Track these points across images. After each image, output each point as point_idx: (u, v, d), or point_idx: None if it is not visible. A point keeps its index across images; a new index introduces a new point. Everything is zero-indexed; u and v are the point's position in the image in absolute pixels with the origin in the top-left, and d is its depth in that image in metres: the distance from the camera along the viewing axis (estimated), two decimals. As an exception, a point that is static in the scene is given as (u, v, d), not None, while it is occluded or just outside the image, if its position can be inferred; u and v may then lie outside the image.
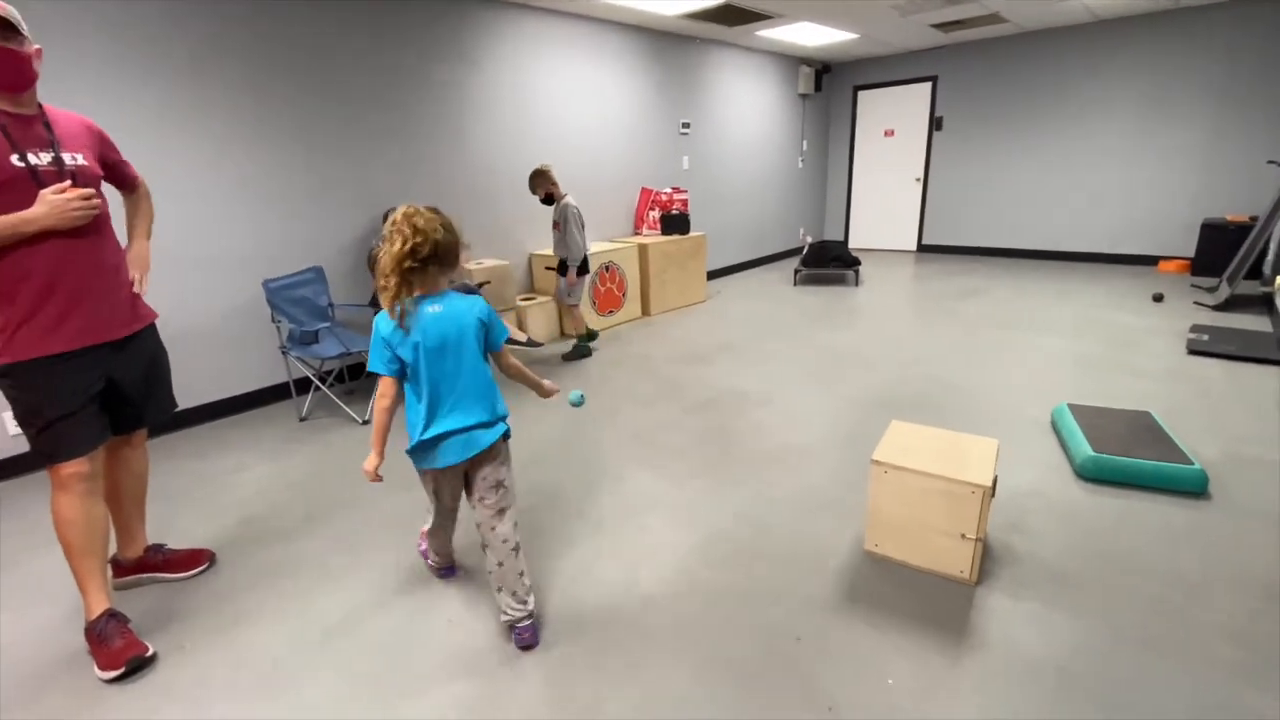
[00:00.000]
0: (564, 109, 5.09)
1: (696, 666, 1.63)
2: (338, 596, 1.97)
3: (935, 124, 7.59)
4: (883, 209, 8.35)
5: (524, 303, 4.62)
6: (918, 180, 7.91)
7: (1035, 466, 2.57)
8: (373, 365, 1.61)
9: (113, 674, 1.66)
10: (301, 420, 3.41)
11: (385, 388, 1.62)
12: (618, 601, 1.89)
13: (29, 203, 1.55)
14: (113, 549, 2.00)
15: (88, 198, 1.64)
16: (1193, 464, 2.30)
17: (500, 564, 1.69)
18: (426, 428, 1.60)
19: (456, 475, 1.72)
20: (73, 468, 1.67)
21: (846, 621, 1.76)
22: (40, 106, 1.64)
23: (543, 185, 4.00)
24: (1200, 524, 2.14)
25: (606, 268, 5.01)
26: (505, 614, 1.70)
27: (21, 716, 1.57)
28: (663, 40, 5.81)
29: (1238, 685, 1.50)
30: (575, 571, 2.04)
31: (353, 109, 3.81)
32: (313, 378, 3.44)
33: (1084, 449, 2.47)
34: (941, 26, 6.21)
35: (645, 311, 5.51)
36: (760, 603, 1.86)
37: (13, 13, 1.52)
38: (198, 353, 3.35)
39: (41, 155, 1.60)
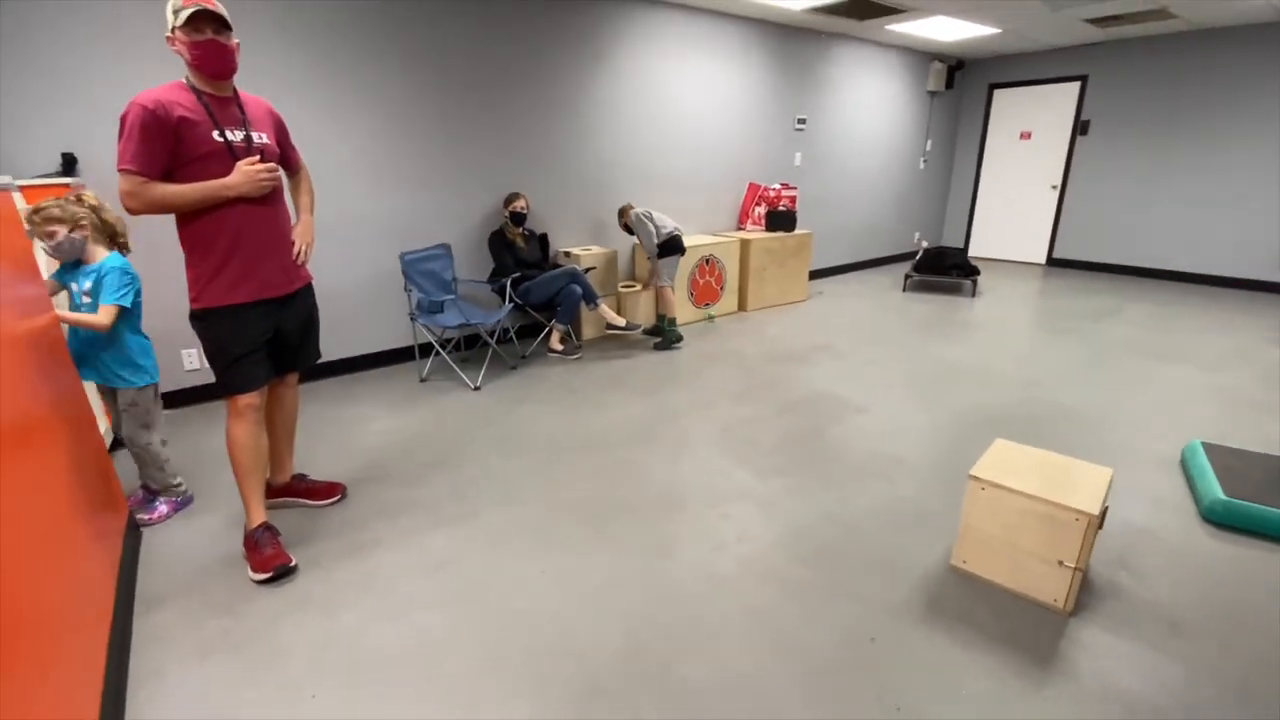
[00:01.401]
0: (680, 102, 5.17)
1: (767, 648, 1.69)
2: (446, 538, 2.20)
3: (1080, 128, 6.97)
4: (1011, 217, 7.80)
5: (625, 289, 4.78)
6: (1054, 188, 7.31)
7: (1155, 505, 2.39)
8: (127, 300, 2.17)
9: (262, 576, 1.96)
10: (422, 381, 3.76)
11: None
12: (695, 579, 1.98)
13: (225, 172, 1.84)
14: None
15: (272, 170, 1.92)
16: (1347, 522, 2.06)
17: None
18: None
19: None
20: (247, 399, 1.98)
21: (925, 631, 1.76)
22: (235, 90, 1.92)
23: (623, 219, 4.48)
24: (1350, 589, 1.93)
25: (707, 260, 5.06)
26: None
27: (189, 602, 1.90)
28: (785, 34, 5.73)
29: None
30: (655, 547, 2.15)
31: (487, 100, 4.09)
32: (435, 344, 3.77)
33: (1214, 491, 2.27)
34: (1097, 22, 5.69)
35: (742, 306, 5.51)
36: (837, 601, 1.89)
37: (223, 11, 1.79)
38: (339, 313, 3.77)
39: (236, 133, 1.88)
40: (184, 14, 1.72)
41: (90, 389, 2.30)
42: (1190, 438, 2.89)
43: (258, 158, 1.89)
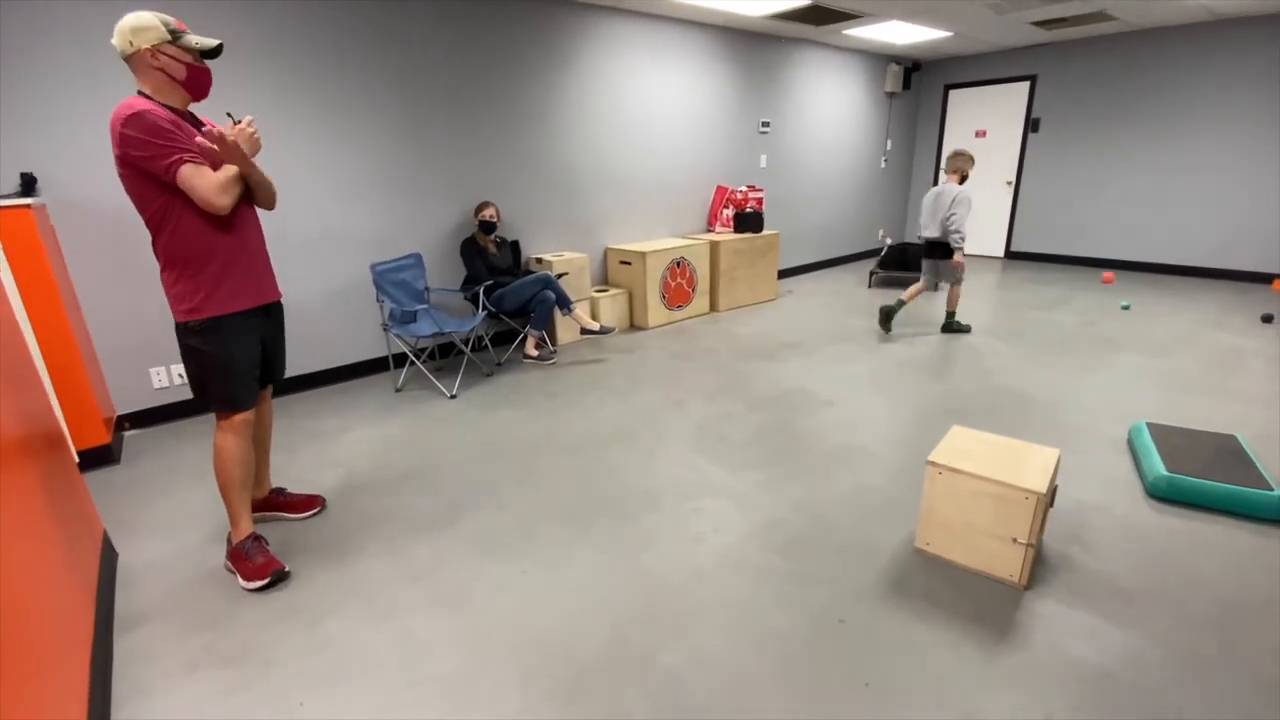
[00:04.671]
0: (647, 108, 5.26)
1: (742, 634, 1.77)
2: (427, 544, 2.23)
3: (1031, 125, 7.25)
4: (971, 212, 8.04)
5: (598, 294, 4.84)
6: (1009, 184, 7.58)
7: (1105, 483, 2.53)
8: None
9: (258, 584, 1.99)
10: (397, 391, 3.77)
11: None
12: (673, 572, 2.05)
13: None
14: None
15: (252, 122, 1.88)
16: (1273, 490, 2.22)
17: None
18: None
19: None
20: (244, 415, 2.01)
21: (891, 611, 1.85)
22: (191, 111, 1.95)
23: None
24: (1273, 550, 2.08)
25: (678, 263, 5.15)
26: None
27: (171, 619, 1.91)
28: (747, 40, 5.86)
29: (1291, 709, 1.50)
30: (634, 543, 2.22)
31: (455, 109, 4.12)
32: (409, 353, 3.79)
33: (1157, 468, 2.42)
34: (1042, 24, 5.94)
35: (714, 307, 5.61)
36: (809, 586, 1.97)
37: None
38: (312, 326, 3.76)
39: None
40: (208, 43, 1.82)
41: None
42: (1136, 419, 3.06)
43: (245, 121, 1.86)
